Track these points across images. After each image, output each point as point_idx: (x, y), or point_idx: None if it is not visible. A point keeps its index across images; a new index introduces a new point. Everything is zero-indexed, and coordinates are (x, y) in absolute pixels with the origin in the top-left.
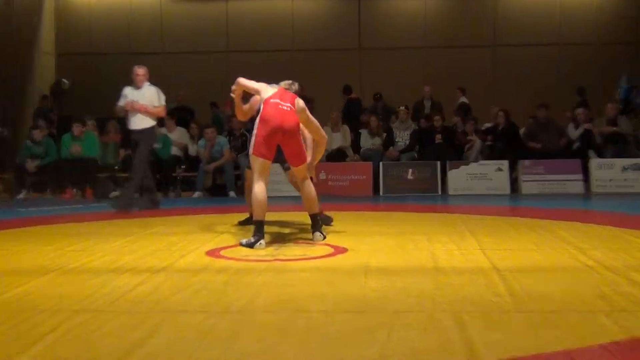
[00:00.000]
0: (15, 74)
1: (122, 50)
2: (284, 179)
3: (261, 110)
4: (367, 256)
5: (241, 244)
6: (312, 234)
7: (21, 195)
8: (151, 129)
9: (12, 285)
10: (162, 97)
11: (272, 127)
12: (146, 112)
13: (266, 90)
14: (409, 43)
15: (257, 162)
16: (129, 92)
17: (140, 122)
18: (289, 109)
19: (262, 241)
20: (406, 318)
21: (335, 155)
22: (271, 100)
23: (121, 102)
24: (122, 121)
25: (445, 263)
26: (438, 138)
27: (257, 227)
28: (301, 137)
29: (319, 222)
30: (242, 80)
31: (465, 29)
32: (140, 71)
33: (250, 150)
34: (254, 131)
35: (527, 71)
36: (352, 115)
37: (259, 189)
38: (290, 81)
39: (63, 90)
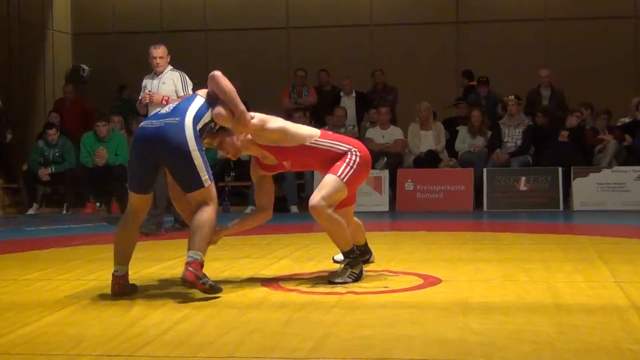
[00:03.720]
0: (23, 59)
1: (154, 29)
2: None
3: (363, 152)
4: (467, 289)
5: (333, 284)
6: None
7: (31, 211)
8: None
9: (19, 323)
10: (189, 84)
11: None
12: None
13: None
14: (522, 14)
15: (342, 196)
16: (147, 82)
17: None
18: None
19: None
20: None
21: (425, 160)
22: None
23: (141, 96)
24: None
25: (569, 299)
26: (563, 135)
27: (358, 254)
28: None
29: None
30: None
31: None
32: (157, 52)
33: (345, 179)
34: (354, 166)
35: None
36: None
37: (337, 216)
38: None
39: (82, 78)
